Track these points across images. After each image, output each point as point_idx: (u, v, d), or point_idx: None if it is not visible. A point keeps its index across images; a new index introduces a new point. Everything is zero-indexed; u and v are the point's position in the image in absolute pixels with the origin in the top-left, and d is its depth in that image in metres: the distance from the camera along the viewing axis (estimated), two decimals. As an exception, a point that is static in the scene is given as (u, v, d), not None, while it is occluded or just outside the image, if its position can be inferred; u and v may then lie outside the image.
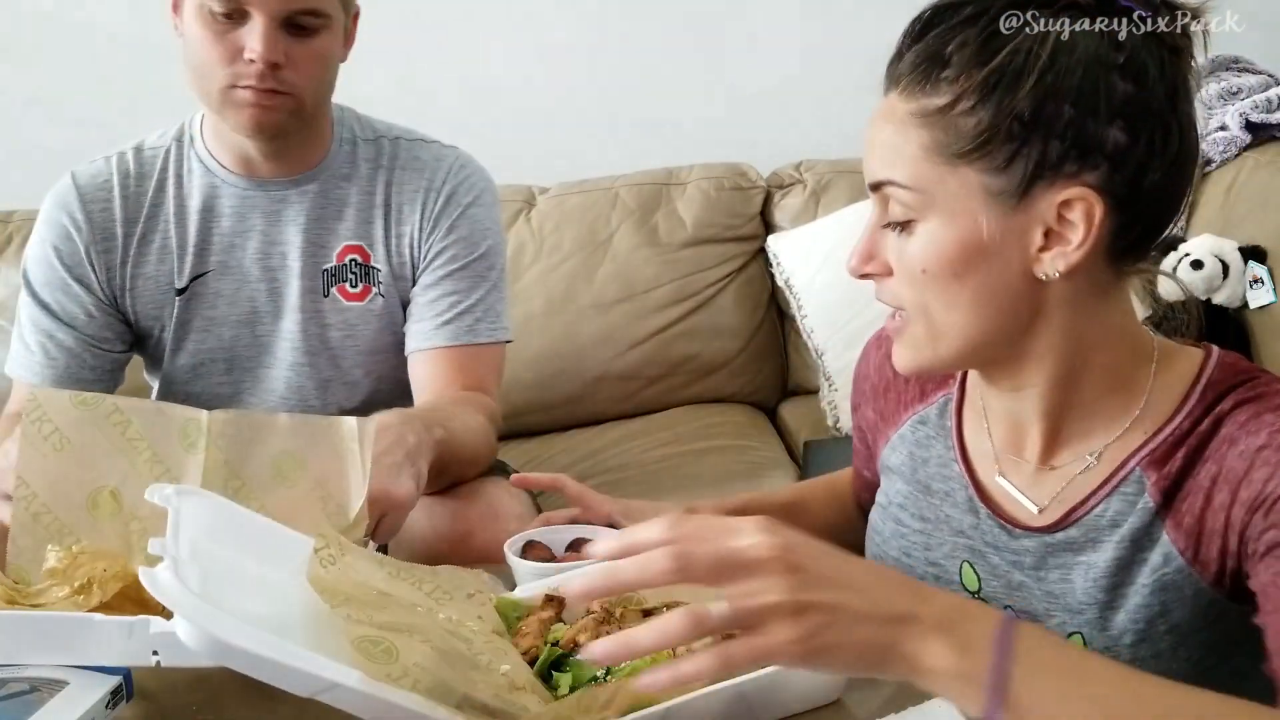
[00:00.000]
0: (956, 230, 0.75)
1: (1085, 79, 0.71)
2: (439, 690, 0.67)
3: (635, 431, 2.08)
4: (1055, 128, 0.71)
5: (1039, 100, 0.71)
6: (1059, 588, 0.83)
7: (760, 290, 2.26)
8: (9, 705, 0.72)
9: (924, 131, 0.74)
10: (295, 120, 1.24)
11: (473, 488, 1.21)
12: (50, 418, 0.93)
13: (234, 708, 0.79)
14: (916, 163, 0.75)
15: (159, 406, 0.99)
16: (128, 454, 0.94)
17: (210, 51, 1.19)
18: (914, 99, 0.75)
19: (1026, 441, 0.86)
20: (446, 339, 1.32)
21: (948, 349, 0.79)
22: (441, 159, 1.37)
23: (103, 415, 0.94)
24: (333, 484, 0.96)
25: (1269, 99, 1.98)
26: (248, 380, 1.36)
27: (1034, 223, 0.74)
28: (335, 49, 1.25)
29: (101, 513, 0.93)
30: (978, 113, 0.72)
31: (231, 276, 1.32)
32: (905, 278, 0.78)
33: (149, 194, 1.32)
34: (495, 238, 1.38)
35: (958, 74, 0.73)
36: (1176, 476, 0.77)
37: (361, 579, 0.80)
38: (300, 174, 1.32)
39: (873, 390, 1.00)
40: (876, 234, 0.80)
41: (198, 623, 0.61)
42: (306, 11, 1.18)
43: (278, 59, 1.18)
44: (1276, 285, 1.76)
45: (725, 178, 2.26)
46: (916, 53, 0.76)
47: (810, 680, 0.74)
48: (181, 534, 0.71)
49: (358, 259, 1.33)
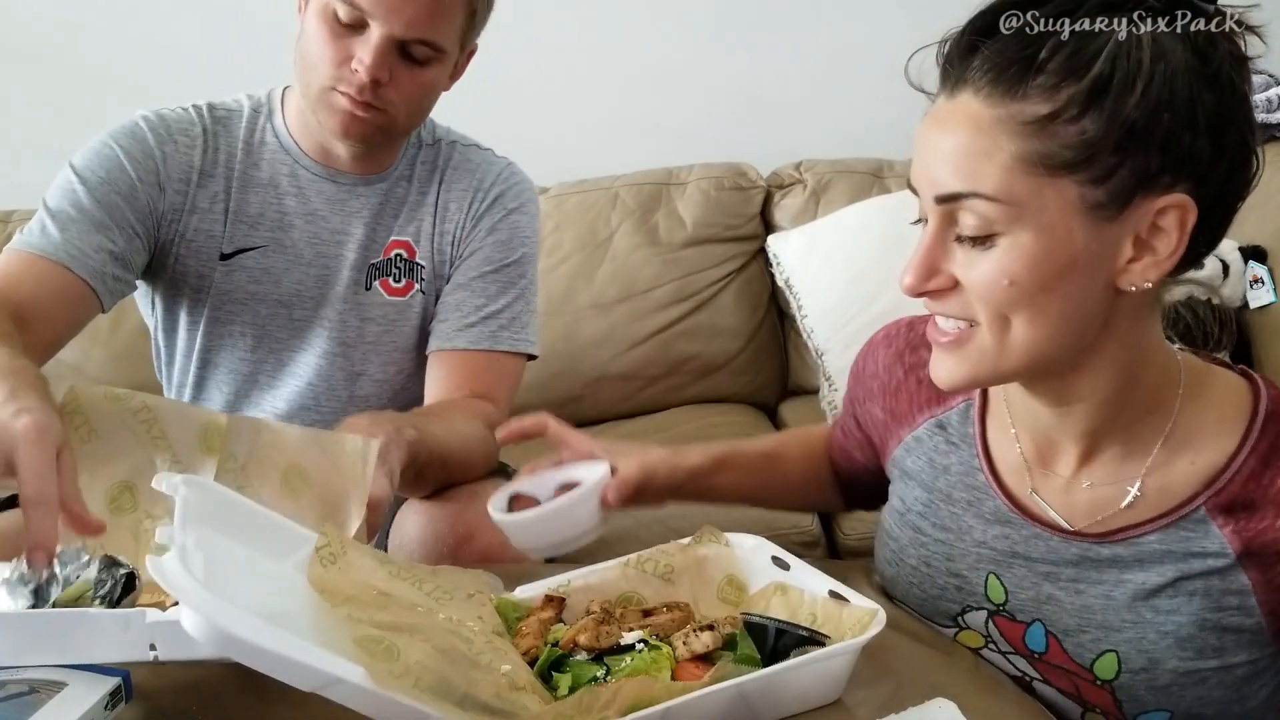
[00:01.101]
0: (1048, 243, 0.72)
1: (1181, 88, 0.69)
2: (440, 689, 0.67)
3: (635, 431, 2.08)
4: (1157, 138, 0.69)
5: (1146, 111, 0.69)
6: (1097, 603, 0.82)
7: (760, 290, 2.26)
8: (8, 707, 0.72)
9: (1019, 141, 0.70)
10: (383, 135, 1.26)
11: (473, 490, 1.21)
12: (83, 409, 0.94)
13: (233, 709, 0.78)
14: (1009, 174, 0.71)
15: (182, 407, 1.00)
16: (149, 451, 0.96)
17: (323, 50, 1.19)
18: (1001, 105, 0.71)
19: (1060, 457, 0.85)
20: (467, 342, 1.32)
21: (1014, 363, 0.76)
22: (493, 164, 1.39)
23: (131, 411, 0.96)
24: (333, 501, 0.97)
25: (1269, 99, 1.98)
26: (270, 362, 1.34)
27: (1126, 234, 0.72)
28: (440, 81, 1.26)
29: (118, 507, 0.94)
30: (1082, 122, 0.69)
31: (283, 255, 1.31)
32: (984, 291, 0.74)
33: (222, 151, 1.31)
34: (531, 247, 1.39)
35: (1057, 80, 0.70)
36: (1262, 530, 0.77)
37: (362, 578, 0.80)
38: (374, 174, 1.34)
39: (882, 389, 0.99)
40: (938, 248, 0.75)
41: (203, 612, 0.61)
42: (423, 42, 1.19)
43: (382, 76, 1.18)
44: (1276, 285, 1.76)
45: (725, 178, 2.26)
46: (995, 53, 0.71)
47: (810, 680, 0.74)
48: (188, 524, 0.71)
49: (403, 254, 1.34)
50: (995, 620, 0.88)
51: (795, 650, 0.75)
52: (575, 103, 2.40)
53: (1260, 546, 0.77)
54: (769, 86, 2.41)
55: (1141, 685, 0.81)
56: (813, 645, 0.75)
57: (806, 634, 0.76)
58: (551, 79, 2.39)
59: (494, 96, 2.37)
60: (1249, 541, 0.77)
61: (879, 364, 0.99)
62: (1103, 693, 0.83)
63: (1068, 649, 0.84)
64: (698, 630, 0.77)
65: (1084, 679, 0.84)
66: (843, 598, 0.81)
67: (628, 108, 2.41)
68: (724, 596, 0.89)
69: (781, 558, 0.88)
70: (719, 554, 0.91)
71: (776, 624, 0.77)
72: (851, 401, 1.04)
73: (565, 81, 2.40)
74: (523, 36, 2.38)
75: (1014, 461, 0.88)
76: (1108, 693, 0.83)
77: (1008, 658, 0.88)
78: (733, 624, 0.78)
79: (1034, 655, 0.86)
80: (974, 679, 0.83)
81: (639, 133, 2.41)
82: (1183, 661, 0.79)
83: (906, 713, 0.73)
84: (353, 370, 1.35)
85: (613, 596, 0.86)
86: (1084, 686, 0.84)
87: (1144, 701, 0.82)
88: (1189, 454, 0.80)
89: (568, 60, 2.39)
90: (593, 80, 2.40)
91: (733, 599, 0.88)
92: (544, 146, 2.37)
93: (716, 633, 0.76)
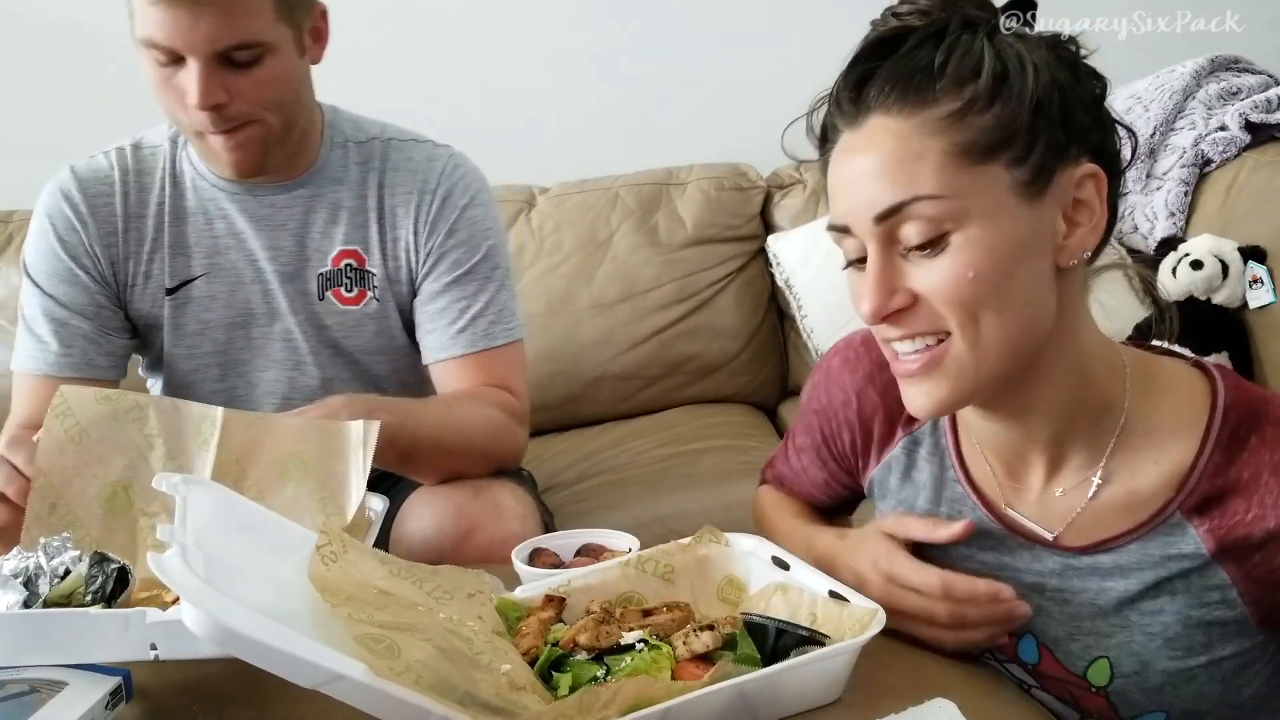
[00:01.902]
0: (996, 228, 0.74)
1: (1059, 73, 0.75)
2: (441, 687, 0.67)
3: (635, 431, 2.08)
4: (1057, 113, 0.74)
5: (1044, 89, 0.73)
6: (1084, 610, 0.83)
7: (760, 290, 2.26)
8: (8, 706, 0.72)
9: (943, 138, 0.73)
10: (265, 144, 1.23)
11: (478, 487, 1.21)
12: (74, 412, 0.95)
13: (233, 709, 0.79)
14: (943, 170, 0.73)
15: (176, 403, 1.01)
16: (143, 450, 0.96)
17: (164, 95, 1.18)
18: (915, 113, 0.74)
19: (1028, 470, 0.85)
20: (464, 347, 1.32)
21: (990, 366, 0.76)
22: (434, 159, 1.35)
23: (123, 411, 0.97)
24: (334, 485, 0.98)
25: (1269, 99, 1.98)
26: (241, 386, 1.36)
27: (1055, 209, 0.76)
28: (287, 69, 1.20)
29: (113, 507, 0.95)
30: (994, 109, 0.73)
31: (224, 279, 1.32)
32: (950, 291, 0.74)
33: (148, 191, 1.31)
34: (495, 236, 1.37)
35: (958, 80, 0.73)
36: (1234, 525, 0.77)
37: (362, 577, 0.80)
38: (291, 179, 1.31)
39: (857, 415, 0.96)
40: (888, 268, 0.76)
41: (204, 608, 0.61)
42: (237, 46, 1.14)
43: (218, 99, 1.15)
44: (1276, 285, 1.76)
45: (725, 178, 2.27)
46: (892, 73, 0.75)
47: (810, 680, 0.74)
48: (188, 522, 0.71)
49: (353, 263, 1.33)
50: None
51: (795, 650, 0.75)
52: (575, 103, 2.40)
53: (1233, 541, 0.77)
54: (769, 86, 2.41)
55: (1134, 688, 0.82)
56: (813, 645, 0.75)
57: (806, 634, 0.76)
58: (552, 79, 2.39)
59: (494, 96, 2.38)
60: (1222, 538, 0.78)
61: (848, 391, 0.96)
62: (1098, 699, 0.83)
63: (1060, 658, 0.84)
64: (698, 630, 0.76)
65: (1078, 686, 0.84)
66: (843, 598, 0.81)
67: (628, 108, 2.41)
68: (724, 596, 0.89)
69: (781, 557, 0.88)
70: (719, 554, 0.91)
71: (776, 624, 0.77)
72: (824, 440, 1.00)
73: (565, 81, 2.40)
74: (523, 37, 2.39)
75: (987, 477, 0.88)
76: (1102, 698, 0.83)
77: (1005, 666, 0.88)
78: (733, 624, 0.78)
79: (1028, 666, 0.86)
80: (973, 679, 0.83)
81: (639, 133, 2.41)
82: (1172, 661, 0.80)
83: (906, 713, 0.73)
84: (324, 377, 1.36)
85: (613, 596, 0.86)
86: (1079, 694, 0.84)
87: (1139, 704, 0.82)
88: (1151, 453, 0.80)
89: (568, 60, 2.39)
90: (593, 80, 2.40)
91: (733, 599, 0.88)
92: (544, 146, 2.38)
93: (716, 632, 0.76)
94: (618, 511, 1.67)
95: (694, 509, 1.65)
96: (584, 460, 1.98)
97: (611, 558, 0.95)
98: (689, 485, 1.77)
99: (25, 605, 0.79)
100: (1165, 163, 2.03)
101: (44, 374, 1.28)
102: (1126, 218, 2.05)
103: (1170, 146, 2.04)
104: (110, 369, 1.31)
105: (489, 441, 1.25)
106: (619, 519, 1.55)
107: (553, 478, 1.89)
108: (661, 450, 1.97)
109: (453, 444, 1.20)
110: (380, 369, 1.38)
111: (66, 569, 0.81)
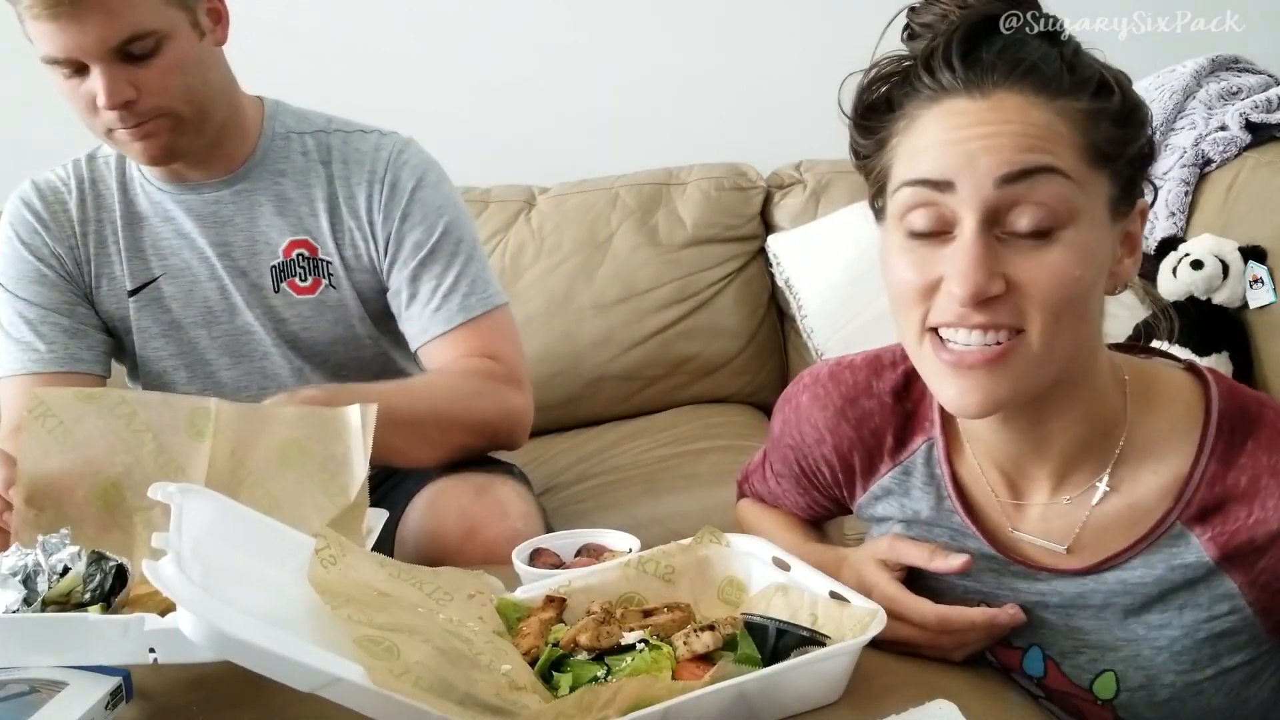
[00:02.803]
0: (1096, 236, 0.73)
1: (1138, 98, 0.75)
2: (441, 688, 0.67)
3: (635, 431, 2.08)
4: (1150, 145, 0.75)
5: (1144, 112, 0.75)
6: (1089, 624, 0.82)
7: (760, 290, 2.26)
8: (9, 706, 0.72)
9: (1077, 131, 0.71)
10: (184, 135, 1.24)
11: (480, 485, 1.22)
12: (55, 413, 0.95)
13: (233, 709, 0.79)
14: (1076, 158, 0.71)
15: (165, 397, 1.01)
16: (132, 446, 0.96)
17: (75, 104, 1.20)
18: (1053, 100, 0.71)
19: (1032, 485, 0.84)
20: (443, 324, 1.33)
21: (1051, 371, 0.74)
22: (380, 148, 1.36)
23: (108, 408, 0.96)
24: (335, 466, 0.98)
25: (1269, 99, 1.98)
26: (210, 385, 1.37)
27: (1119, 234, 0.76)
28: (187, 53, 1.20)
29: (106, 504, 0.94)
30: (1121, 123, 0.73)
31: (181, 280, 1.34)
32: (1049, 289, 0.71)
33: (103, 197, 1.34)
34: (452, 212, 1.37)
35: (1085, 85, 0.72)
36: (1235, 531, 0.77)
37: (362, 579, 0.80)
38: (230, 173, 1.33)
39: (834, 450, 0.93)
40: (990, 247, 0.71)
41: (201, 615, 0.61)
42: (130, 39, 1.15)
43: (126, 97, 1.16)
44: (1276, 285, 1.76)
45: (725, 178, 2.26)
46: (1015, 58, 0.71)
47: (810, 680, 0.74)
48: (184, 530, 0.71)
49: (305, 253, 1.34)
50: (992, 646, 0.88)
51: (795, 650, 0.75)
52: (575, 103, 2.40)
53: (1235, 548, 0.77)
54: (769, 86, 2.41)
55: (1141, 702, 0.81)
56: (813, 645, 0.75)
57: (807, 634, 0.76)
58: (551, 79, 2.39)
59: (495, 97, 2.38)
60: (1224, 545, 0.77)
61: (820, 429, 0.93)
62: (1104, 712, 0.83)
63: (1066, 671, 0.84)
64: (698, 630, 0.76)
65: (1085, 700, 0.84)
66: (843, 598, 0.81)
67: (628, 108, 2.41)
68: (725, 597, 0.89)
69: (782, 558, 0.88)
70: (720, 555, 0.91)
71: (777, 624, 0.77)
72: (803, 473, 0.98)
73: (565, 81, 2.39)
74: (523, 37, 2.38)
75: (988, 499, 0.86)
76: (1109, 712, 0.83)
77: (1011, 676, 0.88)
78: (733, 624, 0.78)
79: (1034, 679, 0.86)
80: (974, 680, 0.83)
81: (639, 133, 2.40)
82: (1179, 675, 0.79)
83: (906, 713, 0.73)
84: (292, 368, 1.37)
85: (613, 597, 0.86)
86: (1085, 707, 0.84)
87: (1145, 718, 0.82)
88: (1151, 463, 0.80)
89: (568, 60, 2.39)
90: (593, 80, 2.40)
91: (733, 600, 0.88)
92: (544, 146, 2.38)
93: (717, 633, 0.76)
94: (617, 512, 1.66)
95: (694, 509, 1.65)
96: (584, 460, 1.98)
97: (612, 558, 0.95)
98: (689, 485, 1.77)
99: (25, 603, 0.79)
100: (1165, 162, 2.03)
101: (30, 373, 1.29)
102: (1126, 218, 2.05)
103: (1170, 146, 2.04)
104: (94, 363, 1.33)
105: (461, 406, 1.25)
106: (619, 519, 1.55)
107: (553, 478, 1.89)
108: (661, 450, 1.97)
109: (428, 419, 1.21)
110: (342, 358, 1.39)
111: (65, 566, 0.81)
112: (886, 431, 0.90)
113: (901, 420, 0.90)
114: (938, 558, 0.83)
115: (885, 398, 0.90)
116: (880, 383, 0.91)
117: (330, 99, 1.43)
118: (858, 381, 0.92)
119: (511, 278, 2.14)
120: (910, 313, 0.75)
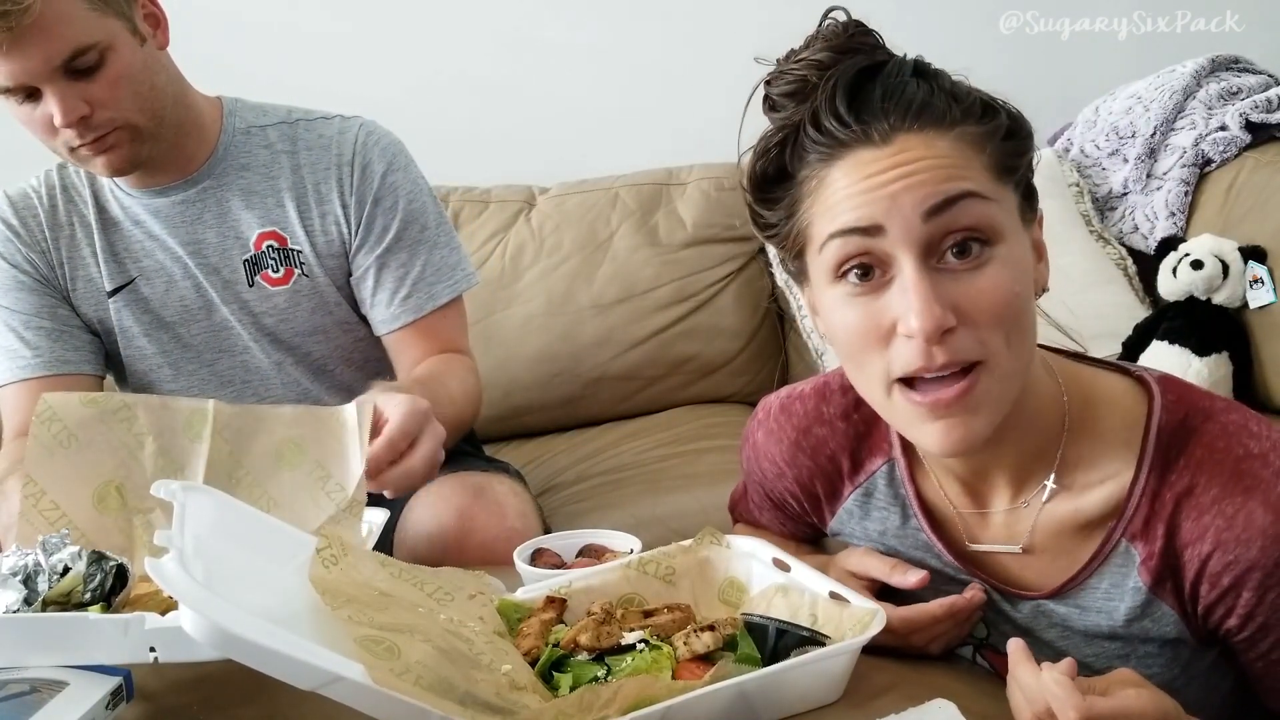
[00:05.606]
0: (1020, 247, 0.75)
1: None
2: (441, 687, 0.67)
3: (635, 431, 2.08)
4: (1031, 154, 0.78)
5: (1027, 122, 0.78)
6: (1061, 643, 0.83)
7: (760, 290, 2.25)
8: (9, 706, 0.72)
9: (981, 153, 0.73)
10: (143, 144, 1.25)
11: (479, 485, 1.22)
12: (60, 417, 0.96)
13: (234, 708, 0.79)
14: (987, 177, 0.73)
15: (164, 400, 1.02)
16: (133, 449, 0.96)
17: (33, 129, 1.21)
18: (948, 131, 0.73)
19: (993, 493, 0.85)
20: (412, 314, 1.35)
21: (1015, 388, 0.75)
22: (345, 131, 1.37)
23: (110, 411, 0.97)
24: (332, 464, 0.99)
25: (1269, 99, 1.98)
26: (194, 384, 1.37)
27: (1029, 239, 0.77)
28: (132, 61, 1.21)
29: (107, 507, 0.95)
30: (1010, 137, 0.75)
31: (157, 281, 1.35)
32: (997, 310, 0.71)
33: (74, 204, 1.35)
34: (419, 198, 1.38)
35: (972, 112, 0.74)
36: (1163, 553, 0.77)
37: (363, 579, 0.80)
38: (193, 173, 1.33)
39: (795, 481, 0.95)
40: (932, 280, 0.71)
41: (203, 613, 0.61)
42: (73, 55, 1.15)
43: (80, 112, 1.17)
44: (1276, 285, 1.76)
45: (725, 178, 2.26)
46: (902, 103, 0.73)
47: (810, 680, 0.74)
48: (186, 528, 0.71)
49: (274, 244, 1.35)
50: (983, 653, 0.89)
51: (796, 650, 0.75)
52: (575, 103, 2.40)
53: (1163, 571, 0.77)
54: (769, 87, 2.41)
55: None
56: (813, 645, 0.75)
57: (807, 634, 0.76)
58: (552, 79, 2.39)
59: (495, 96, 2.38)
60: (1155, 569, 0.77)
61: (779, 464, 0.95)
62: None
63: None
64: (698, 630, 0.77)
65: None
66: (843, 598, 0.81)
67: (628, 108, 2.41)
68: (725, 598, 0.89)
69: (782, 559, 0.88)
70: (720, 556, 0.91)
71: (777, 624, 0.77)
72: (775, 505, 1.00)
73: (565, 81, 2.39)
74: (523, 36, 2.38)
75: (950, 515, 0.87)
76: None
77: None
78: (733, 624, 0.78)
79: None
80: (974, 680, 0.83)
81: (639, 133, 2.41)
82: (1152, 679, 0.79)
83: (906, 713, 0.73)
84: (273, 361, 1.38)
85: (614, 598, 0.87)
86: None
87: None
88: (1094, 468, 0.80)
89: (568, 60, 2.39)
90: (593, 80, 2.40)
91: (734, 600, 0.88)
92: (544, 146, 2.38)
93: (717, 633, 0.76)
94: (617, 511, 1.66)
95: (694, 509, 1.64)
96: (584, 460, 1.98)
97: (613, 558, 0.95)
98: (689, 485, 1.77)
99: (25, 603, 0.79)
100: (1165, 162, 2.03)
101: (21, 379, 1.30)
102: (1127, 218, 2.05)
103: (1170, 146, 2.04)
104: (83, 364, 1.34)
105: (475, 406, 1.34)
106: (619, 519, 1.56)
107: (552, 478, 1.89)
108: (661, 450, 1.97)
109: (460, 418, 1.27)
110: (322, 350, 1.40)
111: (65, 566, 0.81)
112: (842, 455, 0.92)
113: (855, 442, 0.91)
114: (897, 573, 0.86)
115: (837, 423, 0.91)
116: (829, 408, 0.92)
117: (330, 99, 1.43)
118: (808, 411, 0.93)
119: (511, 278, 2.14)
120: (870, 364, 0.75)
